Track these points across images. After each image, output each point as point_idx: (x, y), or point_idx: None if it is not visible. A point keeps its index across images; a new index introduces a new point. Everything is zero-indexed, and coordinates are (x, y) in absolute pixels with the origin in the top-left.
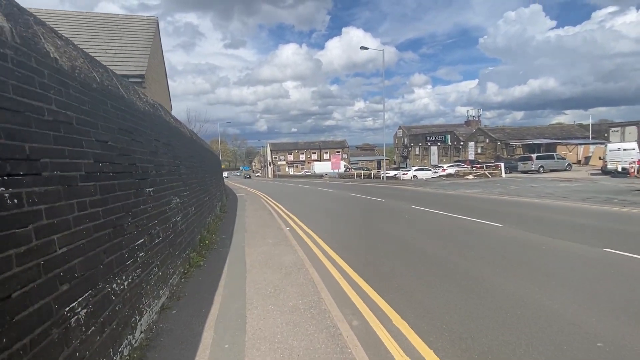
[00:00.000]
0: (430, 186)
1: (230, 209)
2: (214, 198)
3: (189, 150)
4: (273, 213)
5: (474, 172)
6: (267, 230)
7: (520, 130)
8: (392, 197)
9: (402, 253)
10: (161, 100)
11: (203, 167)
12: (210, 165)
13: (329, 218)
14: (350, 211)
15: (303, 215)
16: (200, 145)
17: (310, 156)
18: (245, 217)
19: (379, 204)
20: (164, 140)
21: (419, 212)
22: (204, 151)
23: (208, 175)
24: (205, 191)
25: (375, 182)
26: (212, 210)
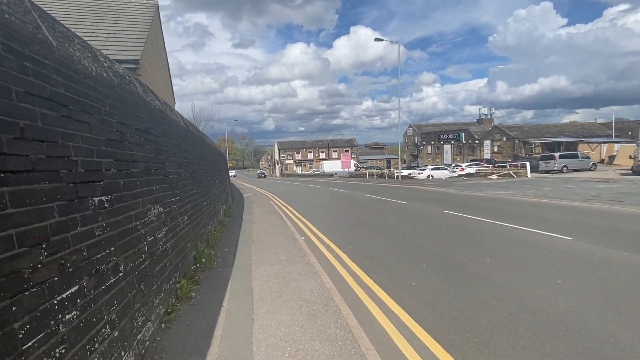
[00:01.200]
0: (452, 187)
1: (236, 213)
2: (217, 201)
3: (183, 144)
4: (283, 217)
5: (497, 171)
6: (278, 241)
7: (539, 128)
8: (415, 200)
9: (464, 282)
10: (162, 93)
11: (203, 165)
12: (213, 163)
13: (348, 225)
14: (373, 217)
15: (318, 220)
16: (201, 139)
17: (318, 155)
18: (253, 222)
19: (403, 209)
20: (139, 126)
21: (454, 218)
22: (206, 147)
23: (210, 175)
24: (206, 194)
25: (390, 182)
26: (215, 215)
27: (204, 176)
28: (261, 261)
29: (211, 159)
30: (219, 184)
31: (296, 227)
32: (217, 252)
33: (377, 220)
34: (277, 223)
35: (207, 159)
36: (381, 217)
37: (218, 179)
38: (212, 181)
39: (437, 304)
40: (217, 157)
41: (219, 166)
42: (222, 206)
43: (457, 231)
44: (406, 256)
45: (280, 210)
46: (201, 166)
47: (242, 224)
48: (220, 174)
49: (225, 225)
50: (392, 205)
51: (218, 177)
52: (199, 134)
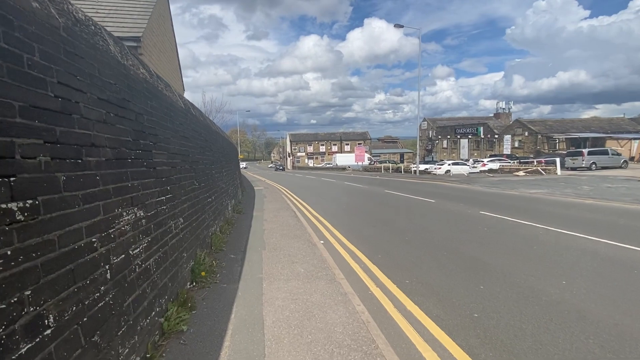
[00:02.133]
0: (478, 183)
1: (246, 208)
2: (224, 196)
3: (180, 128)
4: (298, 214)
5: (524, 167)
6: (293, 245)
7: (563, 123)
8: (441, 197)
9: (552, 318)
10: (169, 79)
11: (209, 155)
12: (221, 154)
13: (373, 227)
14: (399, 217)
15: (337, 220)
16: (206, 126)
17: (330, 148)
18: (264, 220)
19: (432, 208)
20: (106, 96)
21: (496, 221)
22: (213, 135)
23: (217, 166)
24: (211, 189)
25: (408, 177)
26: (221, 213)
27: (209, 168)
28: (274, 274)
29: (219, 149)
30: (227, 177)
31: (313, 227)
32: (222, 259)
33: (405, 221)
34: (291, 222)
35: (214, 149)
36: (409, 217)
37: (227, 171)
38: (219, 174)
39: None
40: (226, 147)
41: (228, 157)
42: (231, 201)
43: (507, 239)
44: (453, 271)
45: (294, 207)
46: (205, 156)
47: (253, 222)
48: (229, 166)
49: (233, 223)
50: (418, 203)
51: (227, 169)
52: (205, 119)
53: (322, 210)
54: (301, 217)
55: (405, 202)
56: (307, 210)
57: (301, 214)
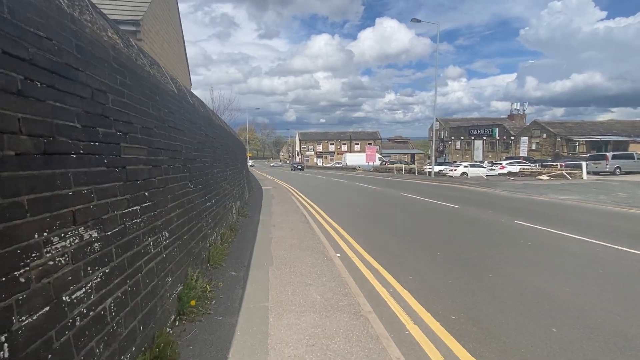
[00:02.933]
0: (500, 187)
1: (252, 211)
2: (228, 199)
3: (170, 117)
4: (308, 219)
5: (548, 171)
6: (305, 260)
7: (584, 125)
8: (465, 203)
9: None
10: (174, 71)
11: (209, 152)
12: (225, 151)
13: (396, 237)
14: (424, 225)
15: (353, 227)
16: (208, 118)
17: (340, 147)
18: (272, 226)
19: (456, 214)
20: (35, 56)
21: (537, 234)
22: (216, 129)
23: (220, 165)
24: (211, 192)
25: (422, 179)
26: (224, 218)
27: (210, 167)
28: (284, 303)
29: (223, 146)
30: (233, 177)
31: (326, 235)
32: (220, 277)
33: (431, 231)
34: (302, 229)
35: (218, 145)
36: (434, 226)
37: (233, 170)
38: (222, 173)
39: None
40: (232, 144)
41: (234, 155)
42: (236, 203)
43: (559, 258)
44: (508, 303)
45: (304, 209)
46: (205, 153)
47: (259, 228)
48: (235, 165)
49: (237, 230)
50: (440, 209)
51: (233, 168)
52: (207, 110)
53: (335, 215)
54: (312, 223)
55: (426, 207)
56: (319, 214)
57: (312, 218)
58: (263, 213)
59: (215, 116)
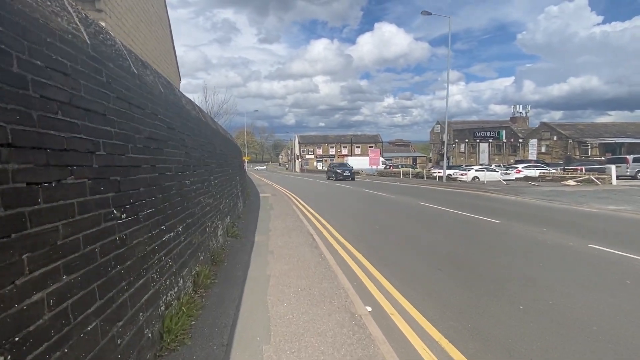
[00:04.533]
0: (528, 194)
1: (245, 228)
2: (212, 218)
3: (128, 110)
4: (317, 241)
5: (574, 176)
6: (320, 325)
7: (596, 127)
8: (502, 216)
9: None
10: (159, 61)
11: (177, 155)
12: (212, 154)
13: (437, 269)
14: (473, 253)
15: (377, 252)
16: (176, 105)
17: (340, 150)
18: (269, 253)
19: (503, 233)
20: None
21: (633, 267)
22: (193, 124)
23: (202, 173)
24: (177, 215)
25: (434, 184)
26: (200, 250)
27: (180, 177)
28: None
29: (206, 146)
30: (221, 187)
31: (346, 270)
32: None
33: (490, 264)
34: (310, 258)
35: (197, 146)
36: (489, 255)
37: (222, 177)
38: (204, 184)
39: None
40: (221, 144)
41: (224, 159)
42: (224, 220)
43: None
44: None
45: (309, 225)
46: (172, 156)
47: (252, 257)
48: (226, 171)
49: (221, 261)
50: (479, 224)
51: (222, 176)
52: (176, 96)
53: (350, 233)
54: (323, 247)
55: (460, 222)
56: (328, 232)
57: (321, 238)
58: (259, 231)
59: (192, 106)
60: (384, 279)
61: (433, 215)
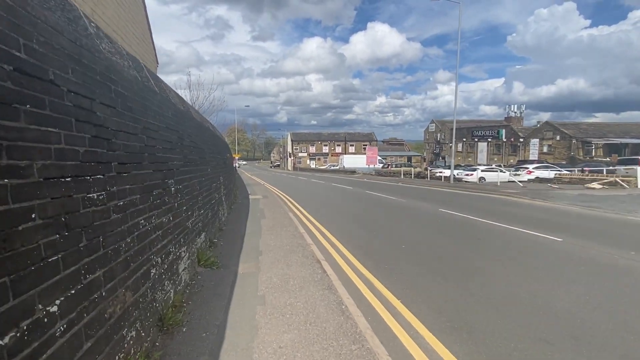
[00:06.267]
0: (557, 200)
1: (227, 250)
2: (183, 239)
3: None
4: (331, 277)
5: (594, 177)
6: None
7: (600, 127)
8: (555, 230)
9: None
10: (126, 36)
11: (121, 154)
12: (195, 150)
13: (535, 335)
14: (569, 296)
15: (417, 289)
16: (111, 68)
17: (334, 149)
18: (258, 305)
19: (578, 257)
20: None
21: None
22: (147, 102)
23: (165, 179)
24: (124, 252)
25: (440, 185)
26: (140, 312)
27: (107, 187)
28: None
29: (174, 141)
30: (191, 193)
31: (383, 330)
32: None
33: (607, 322)
34: (324, 316)
35: (161, 137)
36: (583, 299)
37: (198, 179)
38: (154, 200)
39: None
40: (197, 136)
41: (203, 154)
42: (196, 241)
43: None
44: None
45: (314, 244)
46: (102, 149)
47: (230, 315)
48: (203, 169)
49: (176, 328)
50: (537, 244)
51: (199, 176)
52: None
53: (370, 256)
54: (342, 290)
55: (515, 241)
56: (341, 256)
57: (334, 268)
58: (245, 255)
59: (155, 83)
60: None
61: (468, 229)
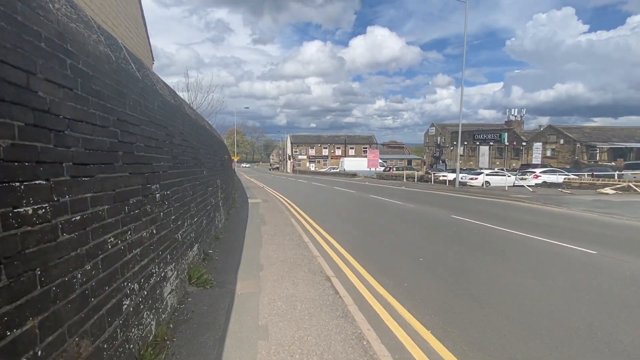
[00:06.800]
0: (573, 206)
1: (223, 263)
2: (171, 256)
3: None
4: (345, 299)
5: (604, 181)
6: None
7: (603, 131)
8: (581, 239)
9: None
10: (118, 28)
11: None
12: (174, 150)
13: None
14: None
15: (463, 328)
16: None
17: (334, 151)
18: (260, 339)
19: (625, 278)
20: None
21: None
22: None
23: (148, 183)
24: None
25: (446, 189)
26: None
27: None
28: None
29: (176, 143)
30: (182, 199)
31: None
32: None
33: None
34: (338, 346)
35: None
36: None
37: (191, 183)
38: (146, 215)
39: None
40: (193, 135)
41: (197, 156)
42: (187, 255)
43: None
44: None
45: (320, 256)
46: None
47: (225, 352)
48: (198, 172)
49: (188, 318)
50: (570, 257)
51: (192, 179)
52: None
53: (386, 273)
54: (359, 316)
55: (533, 249)
56: (352, 270)
57: (347, 286)
58: (244, 269)
59: (128, 58)
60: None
61: (488, 239)
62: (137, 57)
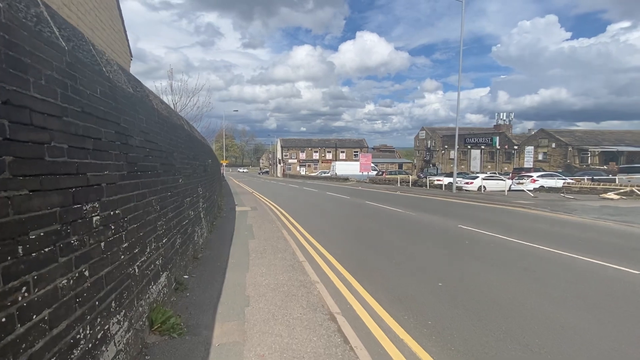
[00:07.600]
0: (583, 213)
1: (199, 294)
2: (124, 296)
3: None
4: (359, 356)
5: (606, 186)
6: None
7: (594, 135)
8: (610, 254)
9: None
10: (92, 23)
11: None
12: (133, 155)
13: None
14: None
15: None
16: None
17: (324, 155)
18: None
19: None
20: None
21: None
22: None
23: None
24: None
25: (443, 195)
26: None
27: None
28: None
29: (134, 145)
30: (150, 218)
31: None
32: None
33: None
34: None
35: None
36: None
37: (171, 193)
38: (66, 254)
39: None
40: (176, 142)
41: (171, 160)
42: (149, 290)
43: None
44: None
45: (320, 282)
46: None
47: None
48: (174, 179)
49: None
50: (601, 275)
51: (166, 189)
52: None
53: (402, 302)
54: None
55: (563, 267)
56: (359, 300)
57: (355, 325)
58: (225, 305)
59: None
60: None
61: (507, 254)
62: (62, 18)
